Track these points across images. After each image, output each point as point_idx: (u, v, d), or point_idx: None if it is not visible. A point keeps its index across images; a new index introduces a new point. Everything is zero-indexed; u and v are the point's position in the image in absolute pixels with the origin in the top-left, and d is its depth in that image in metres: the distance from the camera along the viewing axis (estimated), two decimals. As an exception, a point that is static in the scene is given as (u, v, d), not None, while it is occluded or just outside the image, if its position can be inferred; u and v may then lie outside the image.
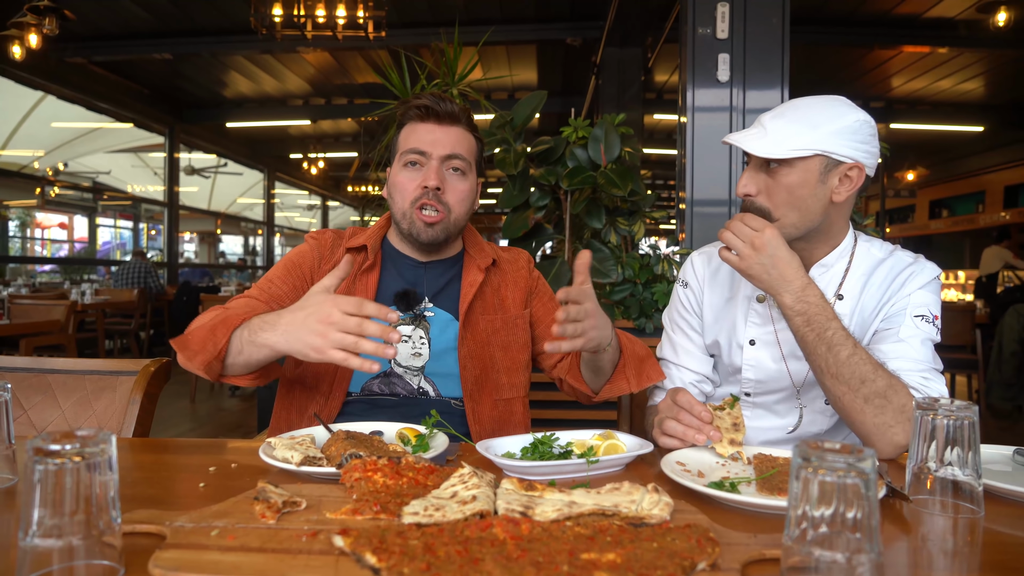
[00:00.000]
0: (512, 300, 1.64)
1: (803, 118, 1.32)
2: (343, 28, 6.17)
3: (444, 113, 1.54)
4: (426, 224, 1.51)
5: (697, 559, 0.72)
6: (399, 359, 1.54)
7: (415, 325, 1.55)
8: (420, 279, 1.60)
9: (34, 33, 6.15)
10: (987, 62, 8.88)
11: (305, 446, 1.12)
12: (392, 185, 1.56)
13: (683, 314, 1.62)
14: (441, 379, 1.54)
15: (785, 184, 1.34)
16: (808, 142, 1.30)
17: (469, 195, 1.57)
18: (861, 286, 1.44)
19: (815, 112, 1.33)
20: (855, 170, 1.33)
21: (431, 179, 1.50)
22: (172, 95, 11.02)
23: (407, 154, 1.53)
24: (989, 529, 0.90)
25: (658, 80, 9.60)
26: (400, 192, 1.54)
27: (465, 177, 1.56)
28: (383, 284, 1.58)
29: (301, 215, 24.54)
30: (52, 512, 0.68)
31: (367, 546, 0.74)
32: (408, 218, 1.53)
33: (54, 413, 1.62)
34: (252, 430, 5.25)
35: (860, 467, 0.66)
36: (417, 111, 1.55)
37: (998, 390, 5.67)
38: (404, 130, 1.58)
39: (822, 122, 1.31)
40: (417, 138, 1.53)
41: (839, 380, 1.25)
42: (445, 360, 1.55)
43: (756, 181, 1.37)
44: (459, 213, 1.55)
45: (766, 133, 1.33)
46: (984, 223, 13.86)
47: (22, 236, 17.08)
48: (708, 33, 3.53)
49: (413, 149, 1.53)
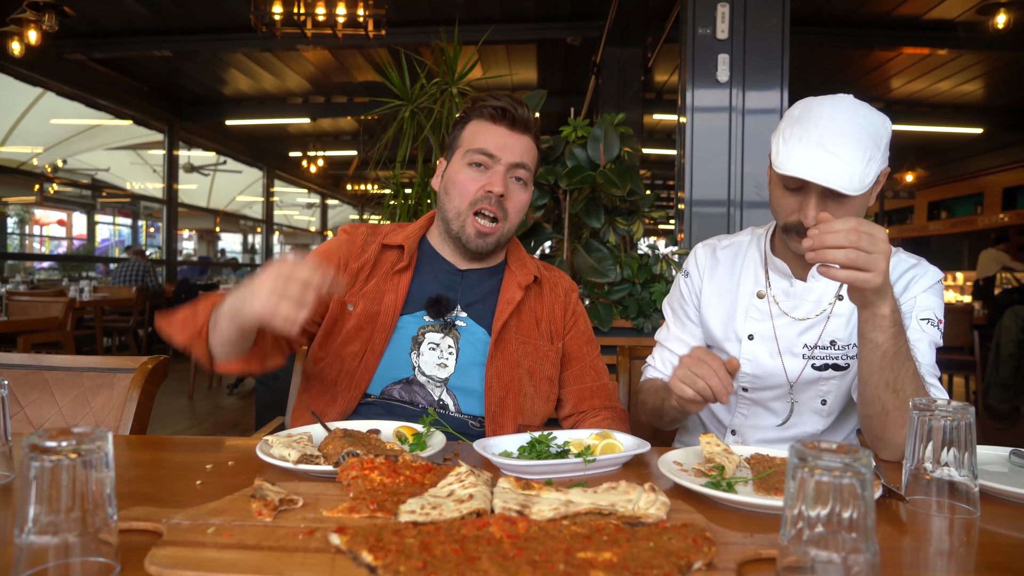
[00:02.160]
0: (547, 328, 1.59)
1: (868, 141, 1.27)
2: (343, 26, 6.16)
3: (519, 120, 1.50)
4: (479, 233, 1.48)
5: (693, 558, 0.72)
6: (424, 368, 1.47)
7: (444, 333, 1.50)
8: (456, 285, 1.55)
9: (33, 29, 6.15)
10: (986, 64, 8.88)
11: (302, 444, 1.12)
12: (450, 181, 1.51)
13: (682, 303, 1.63)
14: (463, 394, 1.49)
15: (854, 208, 1.31)
16: (878, 166, 1.28)
17: (526, 206, 1.54)
18: None
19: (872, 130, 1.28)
20: (883, 174, 1.34)
21: (497, 184, 1.46)
22: (172, 92, 11.01)
23: (474, 153, 1.48)
24: (985, 530, 0.90)
25: (658, 80, 9.60)
26: (460, 191, 1.48)
27: (526, 188, 1.53)
28: (415, 286, 1.52)
29: (300, 213, 24.52)
30: (48, 509, 0.68)
31: (363, 544, 0.74)
32: (462, 220, 1.49)
33: (51, 410, 1.62)
34: (250, 428, 5.25)
35: (856, 467, 0.67)
36: (492, 111, 1.50)
37: (996, 391, 5.68)
38: (471, 127, 1.52)
39: (880, 140, 1.29)
40: (486, 139, 1.48)
41: (899, 395, 1.21)
42: (470, 375, 1.49)
43: (824, 209, 1.31)
44: (513, 224, 1.52)
45: (841, 162, 1.24)
46: (983, 225, 13.86)
47: (21, 233, 17.06)
48: (708, 33, 3.53)
49: (481, 150, 1.47)
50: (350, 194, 19.66)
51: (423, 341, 1.48)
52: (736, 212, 3.59)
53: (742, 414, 1.56)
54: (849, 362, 1.45)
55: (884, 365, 1.21)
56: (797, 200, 1.34)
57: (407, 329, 1.49)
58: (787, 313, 1.48)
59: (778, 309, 1.49)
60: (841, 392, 1.48)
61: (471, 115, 1.53)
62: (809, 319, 1.47)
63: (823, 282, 1.47)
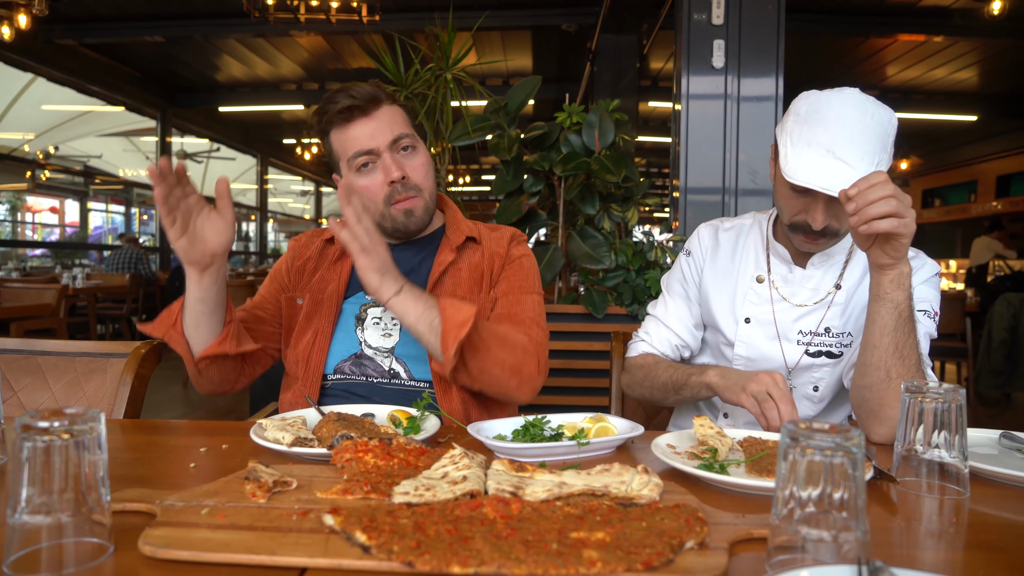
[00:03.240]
0: (486, 281, 1.57)
1: (877, 145, 1.27)
2: (337, 11, 6.13)
3: (366, 101, 1.46)
4: (406, 212, 1.49)
5: (685, 538, 0.73)
6: (369, 341, 1.51)
7: (381, 306, 1.52)
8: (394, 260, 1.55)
9: (23, 14, 6.09)
10: (981, 51, 8.88)
11: (296, 427, 1.12)
12: (360, 193, 1.48)
13: (683, 282, 1.64)
14: (412, 361, 1.51)
15: None
16: (886, 167, 1.28)
17: (429, 165, 1.53)
18: (860, 276, 1.46)
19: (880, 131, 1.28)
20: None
21: (393, 172, 1.45)
22: (164, 79, 10.92)
23: (355, 159, 1.47)
24: (975, 510, 0.91)
25: (653, 67, 9.57)
26: (370, 198, 1.48)
27: (417, 150, 1.51)
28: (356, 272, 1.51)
29: (295, 201, 24.45)
30: (41, 490, 0.68)
31: (357, 524, 0.74)
32: (388, 217, 1.49)
33: (44, 395, 1.61)
34: (244, 415, 5.25)
35: (847, 447, 0.67)
36: (340, 115, 1.47)
37: (987, 378, 5.72)
38: (335, 138, 1.50)
39: (887, 141, 1.29)
40: (354, 140, 1.47)
41: (904, 361, 1.22)
42: (414, 341, 1.47)
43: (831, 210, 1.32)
44: (429, 187, 1.52)
45: (852, 169, 1.24)
46: (976, 212, 13.91)
47: (12, 220, 16.96)
48: (703, 19, 3.52)
49: (359, 152, 1.46)
50: (344, 182, 19.55)
51: (366, 317, 1.54)
52: (731, 199, 3.60)
53: None
54: (843, 350, 1.46)
55: (898, 326, 1.22)
56: (804, 202, 1.34)
57: (350, 310, 1.55)
58: (786, 299, 1.49)
59: (777, 294, 1.50)
60: (833, 379, 1.48)
61: (327, 128, 1.51)
62: (807, 306, 1.48)
63: (822, 270, 1.47)
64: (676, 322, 1.62)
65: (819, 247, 1.41)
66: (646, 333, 1.66)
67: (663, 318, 1.64)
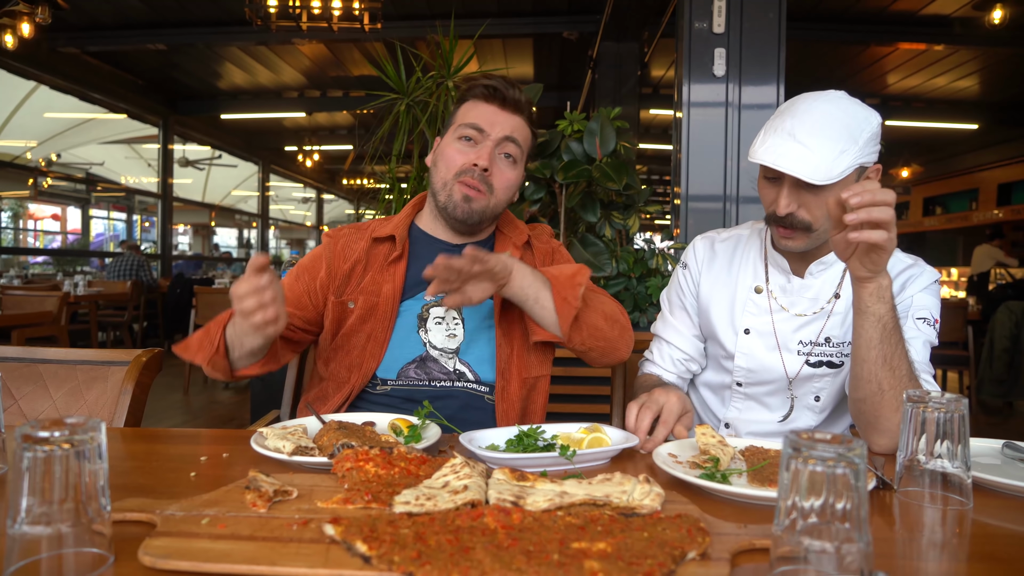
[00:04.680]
0: None
1: (844, 131, 1.28)
2: (338, 19, 6.15)
3: (509, 99, 1.52)
4: (465, 197, 1.48)
5: (687, 548, 0.73)
6: (434, 342, 1.51)
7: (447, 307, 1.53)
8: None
9: (27, 22, 6.11)
10: (982, 60, 8.89)
11: (297, 436, 1.12)
12: (439, 155, 1.54)
13: (680, 295, 1.64)
14: (476, 360, 1.52)
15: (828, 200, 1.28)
16: (853, 158, 1.28)
17: (514, 184, 1.56)
18: None
19: (849, 123, 1.29)
20: (874, 171, 1.35)
21: (483, 158, 1.48)
22: (166, 86, 10.96)
23: (464, 128, 1.51)
24: (978, 521, 0.91)
25: (654, 75, 9.59)
26: (446, 163, 1.51)
27: (515, 165, 1.54)
28: (413, 272, 1.54)
29: (296, 208, 24.46)
30: (41, 500, 0.68)
31: (358, 534, 0.74)
32: (448, 188, 1.50)
33: (45, 403, 1.61)
34: (245, 422, 5.24)
35: (850, 457, 0.67)
36: (483, 90, 1.53)
37: (989, 386, 5.70)
38: (465, 106, 1.55)
39: (858, 133, 1.29)
40: (477, 115, 1.52)
41: (894, 372, 1.22)
42: (479, 341, 1.53)
43: (796, 197, 1.34)
44: (500, 200, 1.53)
45: (811, 153, 1.26)
46: (978, 220, 13.90)
47: (15, 227, 16.98)
48: (704, 27, 3.53)
49: (471, 124, 1.50)
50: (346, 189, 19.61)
51: (428, 318, 1.53)
52: (732, 207, 3.60)
53: (736, 408, 1.56)
54: (843, 360, 1.45)
55: (884, 338, 1.22)
56: (775, 191, 1.36)
57: (411, 311, 1.53)
58: (785, 308, 1.49)
59: (776, 304, 1.49)
60: (834, 389, 1.48)
61: (466, 96, 1.57)
62: (806, 316, 1.47)
63: (820, 279, 1.47)
64: (677, 336, 1.62)
65: (795, 243, 1.38)
66: (650, 352, 1.67)
67: (664, 335, 1.64)
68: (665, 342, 1.64)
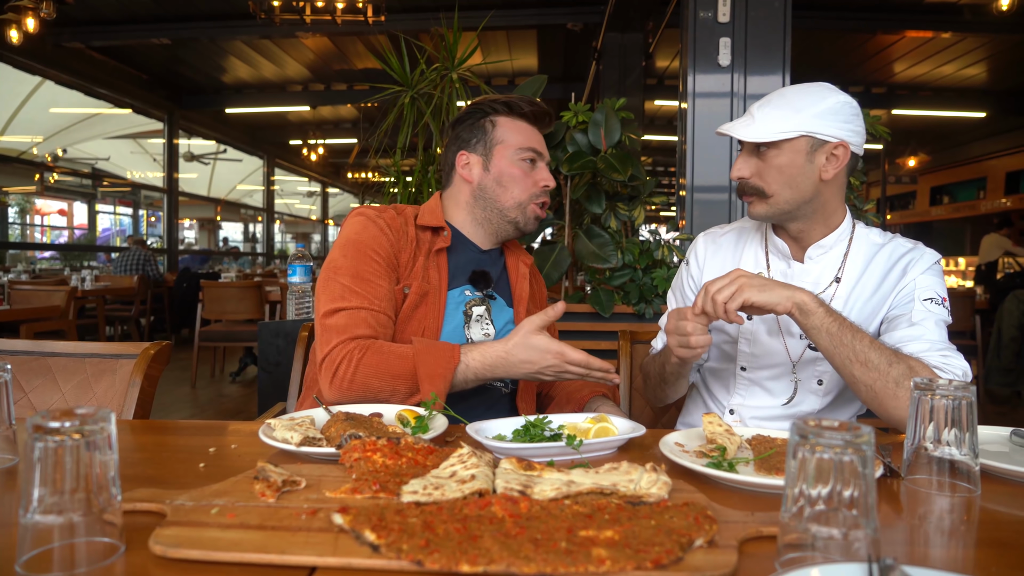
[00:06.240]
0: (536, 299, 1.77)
1: (787, 103, 1.39)
2: (342, 12, 6.14)
3: (548, 120, 1.69)
4: (537, 218, 1.65)
5: (694, 536, 0.73)
6: (474, 337, 1.58)
7: (483, 305, 1.62)
8: (484, 264, 1.66)
9: (31, 17, 6.12)
10: (990, 47, 8.83)
11: (305, 427, 1.12)
12: (506, 176, 1.62)
13: (681, 289, 1.72)
14: None
15: (775, 165, 1.40)
16: (793, 125, 1.37)
17: None
18: (860, 270, 1.47)
19: (798, 97, 1.39)
20: (840, 148, 1.39)
21: (551, 180, 1.63)
22: (171, 81, 10.97)
23: (527, 151, 1.62)
24: (985, 508, 0.91)
25: (659, 66, 9.55)
26: (520, 184, 1.62)
27: None
28: (453, 265, 1.60)
29: (301, 202, 24.49)
30: (52, 490, 0.68)
31: (366, 524, 0.74)
32: (523, 208, 1.62)
33: (54, 396, 1.62)
34: (253, 415, 5.27)
35: (857, 444, 0.67)
36: (532, 114, 1.66)
37: (997, 376, 5.68)
38: (513, 124, 1.64)
39: (805, 106, 1.38)
40: (531, 138, 1.64)
41: (868, 367, 1.25)
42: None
43: (749, 165, 1.44)
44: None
45: (754, 121, 1.40)
46: (985, 209, 13.82)
47: (22, 222, 17.05)
48: (709, 17, 3.51)
49: (534, 148, 1.63)
50: (351, 182, 19.63)
51: (472, 315, 1.59)
52: (737, 198, 3.58)
53: (740, 395, 1.58)
54: None
55: (836, 342, 1.27)
56: None
57: (456, 303, 1.58)
58: None
59: None
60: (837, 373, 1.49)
61: (510, 112, 1.65)
62: None
63: (820, 264, 1.49)
64: None
65: (755, 208, 1.46)
66: (656, 341, 1.75)
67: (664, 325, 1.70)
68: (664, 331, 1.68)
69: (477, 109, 1.67)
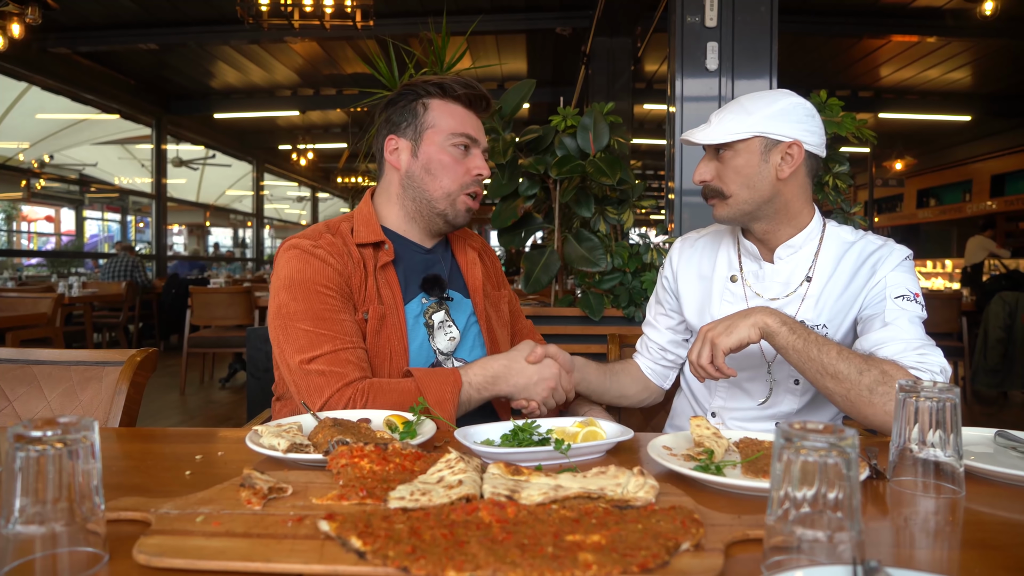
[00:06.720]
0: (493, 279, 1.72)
1: (741, 108, 1.45)
2: (331, 17, 6.12)
3: (485, 103, 1.58)
4: (468, 209, 1.55)
5: (681, 540, 0.73)
6: (440, 347, 1.54)
7: (440, 309, 1.56)
8: (432, 264, 1.59)
9: (17, 23, 6.07)
10: (974, 51, 8.91)
11: (292, 433, 1.12)
12: (435, 163, 1.51)
13: (661, 295, 1.76)
14: (470, 359, 1.56)
15: (732, 166, 1.45)
16: (747, 126, 1.42)
17: None
18: (831, 269, 1.48)
19: (752, 102, 1.45)
20: (794, 147, 1.42)
21: (485, 168, 1.53)
22: (159, 86, 10.91)
23: (458, 137, 1.52)
24: (970, 509, 0.91)
25: (648, 70, 9.59)
26: (449, 173, 1.51)
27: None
28: (402, 276, 1.52)
29: (291, 207, 24.41)
30: (34, 499, 0.68)
31: (352, 530, 0.74)
32: (451, 199, 1.52)
33: (39, 404, 1.61)
34: (242, 422, 5.22)
35: (841, 447, 0.67)
36: (467, 97, 1.54)
37: (983, 376, 5.72)
38: (445, 108, 1.53)
39: (757, 108, 1.43)
40: (465, 123, 1.53)
41: (839, 378, 1.27)
42: (467, 339, 1.58)
43: (709, 168, 1.49)
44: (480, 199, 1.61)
45: (710, 126, 1.47)
46: (971, 212, 13.95)
47: (8, 229, 16.92)
48: (697, 21, 3.52)
49: (466, 134, 1.52)
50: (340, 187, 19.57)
51: (433, 323, 1.54)
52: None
53: (721, 397, 1.60)
54: None
55: (803, 359, 1.30)
56: None
57: (415, 317, 1.52)
58: (759, 295, 1.54)
59: (750, 291, 1.55)
60: None
61: (433, 93, 1.54)
62: (779, 299, 1.51)
63: (790, 264, 1.51)
64: (653, 331, 1.76)
65: (717, 211, 1.50)
66: (639, 342, 1.81)
67: (645, 329, 1.80)
68: (645, 335, 1.79)
69: (409, 91, 1.55)
